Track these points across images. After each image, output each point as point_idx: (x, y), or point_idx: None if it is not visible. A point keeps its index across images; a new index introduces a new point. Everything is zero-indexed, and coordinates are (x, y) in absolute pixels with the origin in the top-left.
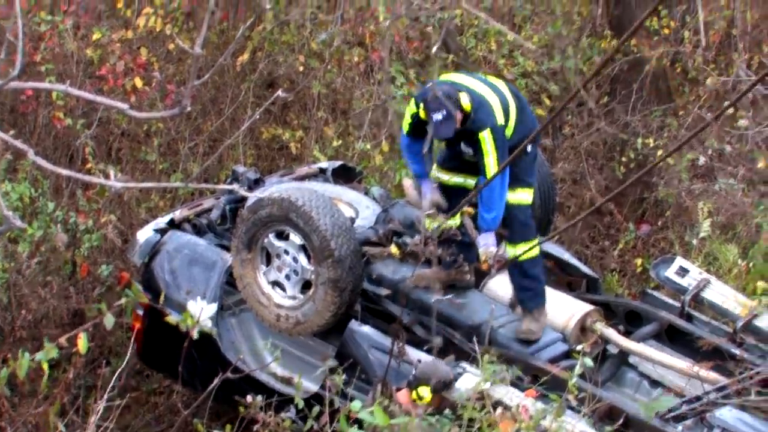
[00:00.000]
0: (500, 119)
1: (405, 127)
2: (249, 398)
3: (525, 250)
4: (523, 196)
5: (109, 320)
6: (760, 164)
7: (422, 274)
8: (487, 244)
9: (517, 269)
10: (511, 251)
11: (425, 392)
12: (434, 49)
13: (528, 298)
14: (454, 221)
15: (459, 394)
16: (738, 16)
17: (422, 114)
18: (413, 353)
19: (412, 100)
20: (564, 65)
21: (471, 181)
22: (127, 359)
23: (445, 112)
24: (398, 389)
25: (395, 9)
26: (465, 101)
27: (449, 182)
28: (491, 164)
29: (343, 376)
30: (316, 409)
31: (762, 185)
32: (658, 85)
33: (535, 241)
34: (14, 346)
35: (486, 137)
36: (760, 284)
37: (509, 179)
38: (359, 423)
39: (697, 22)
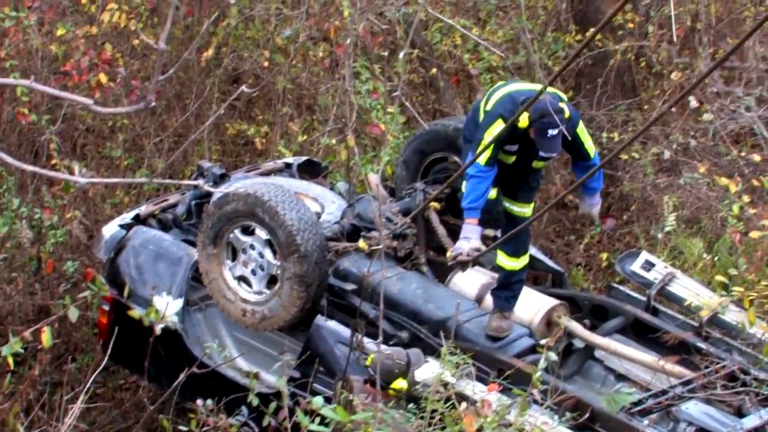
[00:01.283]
0: None
1: (486, 156)
2: (199, 402)
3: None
4: (530, 210)
5: (73, 313)
6: (728, 157)
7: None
8: (458, 248)
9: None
10: (511, 263)
11: (401, 383)
12: (401, 54)
13: (505, 300)
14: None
15: (422, 386)
16: (702, 10)
17: (524, 125)
18: (378, 348)
19: (499, 119)
20: (529, 60)
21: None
22: (104, 360)
23: (560, 128)
24: (366, 381)
25: (360, 4)
26: (566, 111)
27: (517, 213)
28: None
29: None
30: (273, 405)
31: (727, 178)
32: (623, 79)
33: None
34: None
35: (582, 128)
36: (719, 278)
37: (525, 191)
38: (323, 418)
39: (661, 16)
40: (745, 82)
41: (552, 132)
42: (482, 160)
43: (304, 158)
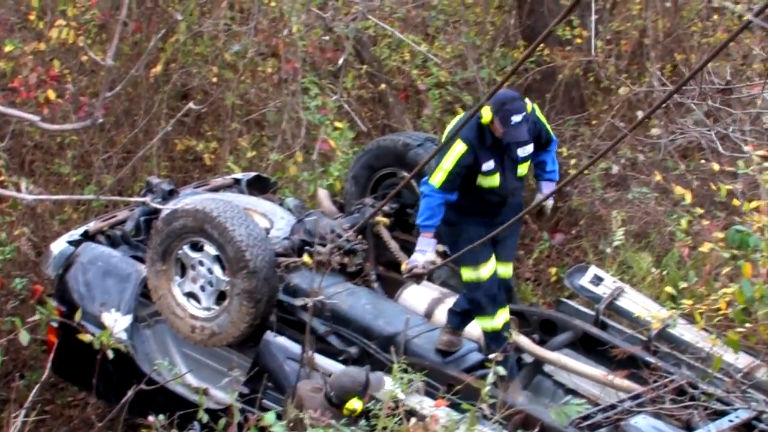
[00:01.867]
0: None
1: (441, 179)
2: (151, 417)
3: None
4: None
5: (24, 336)
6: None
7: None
8: (414, 261)
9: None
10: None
11: (356, 403)
12: (340, 61)
13: (462, 316)
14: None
15: (373, 403)
16: (650, 25)
17: (487, 119)
18: (328, 364)
19: (460, 141)
20: (477, 75)
21: None
22: (49, 376)
23: (524, 113)
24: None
25: (308, 20)
26: (528, 104)
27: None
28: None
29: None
30: (222, 421)
31: (675, 194)
32: (571, 94)
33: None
34: None
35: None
36: (668, 289)
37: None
38: None
39: (609, 31)
40: (695, 97)
41: (516, 118)
42: (437, 182)
43: (253, 174)
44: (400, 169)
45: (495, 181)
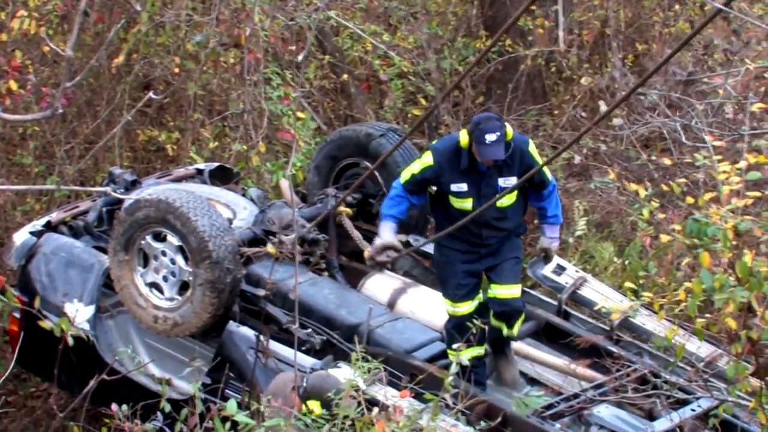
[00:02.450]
0: None
1: (406, 178)
2: (114, 407)
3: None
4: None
5: None
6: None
7: None
8: (375, 246)
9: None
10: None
11: (315, 407)
12: (300, 57)
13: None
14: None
15: (334, 392)
16: (611, 15)
17: (465, 142)
18: (290, 354)
19: (430, 153)
20: (440, 65)
21: None
22: (11, 367)
23: (499, 133)
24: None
25: (270, 10)
26: (509, 129)
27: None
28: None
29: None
30: (185, 411)
31: (636, 183)
32: (533, 84)
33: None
34: None
35: (535, 149)
36: (628, 284)
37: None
38: (235, 424)
39: (571, 21)
40: (657, 87)
41: (490, 137)
42: (403, 179)
43: (215, 164)
44: (362, 159)
45: (467, 204)
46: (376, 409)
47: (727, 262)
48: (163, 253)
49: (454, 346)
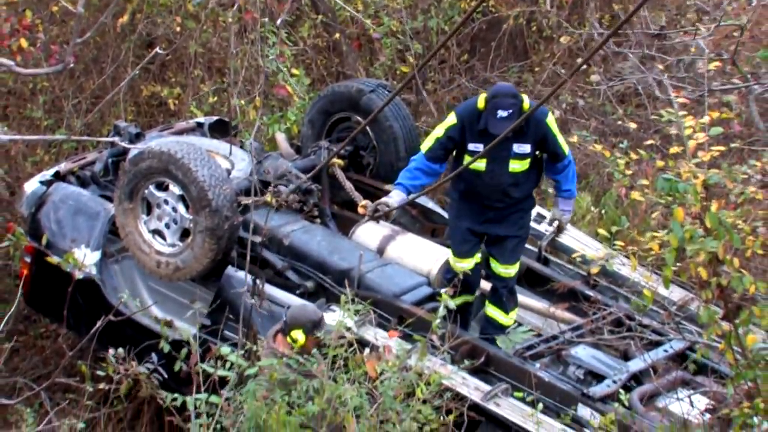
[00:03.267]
0: None
1: (429, 145)
2: (110, 351)
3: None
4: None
5: None
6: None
7: None
8: (381, 202)
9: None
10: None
11: (299, 335)
12: (279, 21)
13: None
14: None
15: (324, 333)
16: None
17: (481, 106)
18: (285, 297)
19: (453, 114)
20: (427, 25)
21: None
22: (19, 307)
23: (511, 110)
24: (277, 332)
25: None
26: (526, 102)
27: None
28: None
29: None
30: (185, 351)
31: (613, 137)
32: (515, 43)
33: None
34: None
35: (553, 122)
36: (602, 232)
37: (513, 223)
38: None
39: None
40: (632, 45)
41: (501, 113)
42: (425, 147)
43: (215, 118)
44: (354, 113)
45: (481, 165)
46: (367, 350)
47: (694, 213)
48: (166, 202)
49: (444, 290)
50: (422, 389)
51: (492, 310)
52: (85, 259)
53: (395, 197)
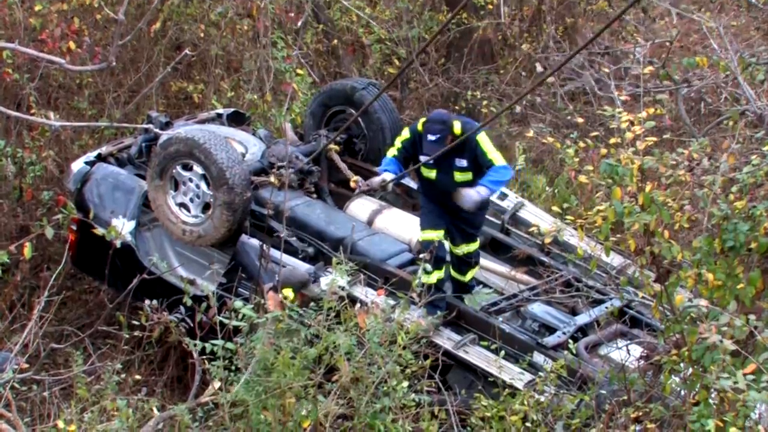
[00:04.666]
0: None
1: (392, 153)
2: (146, 302)
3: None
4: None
5: (49, 231)
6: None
7: None
8: (372, 180)
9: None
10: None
11: (288, 293)
12: (299, 23)
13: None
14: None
15: (321, 290)
16: None
17: (421, 129)
18: (289, 260)
19: (407, 129)
20: (409, 34)
21: None
22: (68, 267)
23: (439, 135)
24: (269, 290)
25: None
26: (457, 127)
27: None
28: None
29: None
30: (204, 305)
31: (565, 129)
32: (484, 49)
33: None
34: None
35: (485, 140)
36: (555, 208)
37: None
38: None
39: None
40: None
41: (431, 137)
42: (390, 153)
43: (232, 110)
44: (348, 107)
45: (432, 174)
46: (357, 305)
47: (631, 192)
48: (190, 180)
49: (427, 268)
50: (402, 337)
51: (454, 274)
52: (123, 228)
53: (385, 176)
